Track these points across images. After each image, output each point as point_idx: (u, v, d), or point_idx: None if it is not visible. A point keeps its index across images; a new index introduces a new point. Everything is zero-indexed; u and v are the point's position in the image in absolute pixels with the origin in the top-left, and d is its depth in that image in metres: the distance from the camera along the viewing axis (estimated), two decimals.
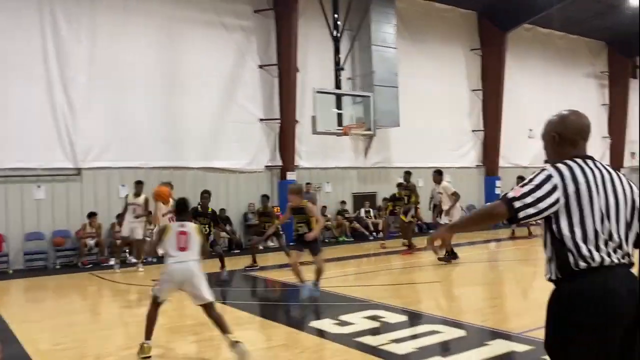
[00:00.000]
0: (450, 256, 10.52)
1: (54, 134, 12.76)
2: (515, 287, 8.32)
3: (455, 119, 20.10)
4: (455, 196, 10.79)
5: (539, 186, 2.33)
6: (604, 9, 20.71)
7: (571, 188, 2.32)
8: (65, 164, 12.90)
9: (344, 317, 6.45)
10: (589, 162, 2.44)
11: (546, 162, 2.57)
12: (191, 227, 5.24)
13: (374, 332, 5.84)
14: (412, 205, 12.93)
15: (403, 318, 6.52)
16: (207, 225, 9.58)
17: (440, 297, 7.95)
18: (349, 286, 8.74)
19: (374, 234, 16.79)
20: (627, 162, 25.58)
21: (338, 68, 15.95)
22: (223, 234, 14.59)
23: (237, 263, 12.51)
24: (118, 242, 12.42)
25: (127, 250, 12.97)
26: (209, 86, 14.81)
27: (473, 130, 20.66)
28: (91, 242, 12.60)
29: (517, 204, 2.31)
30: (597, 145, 24.66)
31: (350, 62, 16.95)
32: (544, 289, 2.46)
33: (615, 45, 24.96)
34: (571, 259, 2.31)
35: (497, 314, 6.70)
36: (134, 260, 12.97)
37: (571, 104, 16.47)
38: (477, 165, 20.80)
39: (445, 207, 10.81)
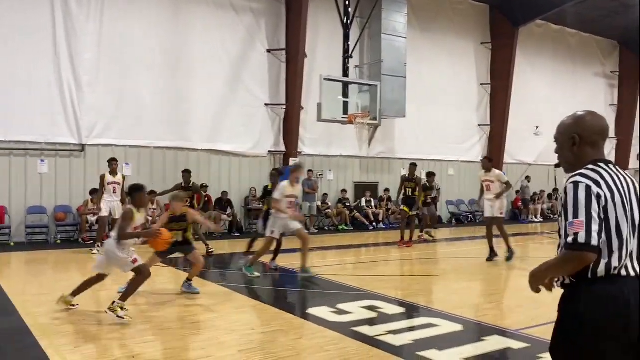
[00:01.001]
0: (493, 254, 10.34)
1: (60, 109, 12.75)
2: (513, 284, 8.32)
3: (462, 113, 20.02)
4: (507, 185, 10.30)
5: (588, 202, 2.21)
6: (617, 8, 20.49)
7: (609, 195, 2.25)
8: (70, 139, 12.91)
9: (341, 306, 6.47)
10: (611, 167, 2.36)
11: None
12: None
13: (370, 322, 5.85)
14: (417, 197, 12.56)
15: (400, 310, 6.54)
16: (189, 199, 10.50)
17: (438, 290, 7.96)
18: (347, 275, 8.76)
19: (374, 224, 16.81)
20: (633, 163, 25.48)
21: (346, 56, 15.84)
22: (224, 216, 14.65)
23: (236, 246, 12.58)
24: (91, 217, 12.47)
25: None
26: (216, 68, 14.76)
27: (479, 125, 20.58)
28: (92, 218, 12.63)
29: (594, 240, 2.17)
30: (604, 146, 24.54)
31: (359, 50, 16.85)
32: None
33: (628, 45, 24.73)
34: (593, 265, 2.23)
35: (494, 310, 6.71)
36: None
37: (579, 103, 16.65)
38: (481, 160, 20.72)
39: (490, 196, 10.28)
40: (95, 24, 13.07)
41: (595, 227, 2.17)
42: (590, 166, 2.34)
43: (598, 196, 2.22)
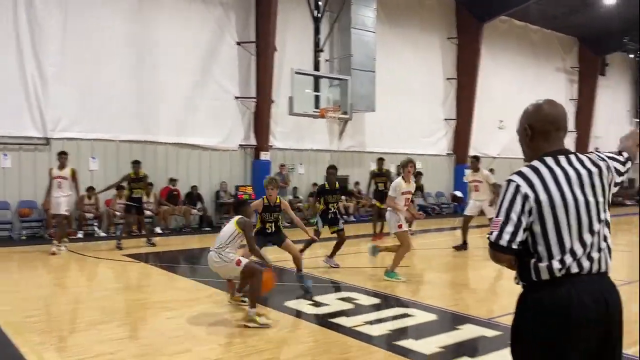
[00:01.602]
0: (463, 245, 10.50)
1: (24, 102, 12.42)
2: (482, 274, 8.54)
3: (429, 107, 20.33)
4: (495, 187, 10.35)
5: (511, 203, 2.14)
6: (578, 6, 21.12)
7: (543, 196, 2.13)
8: (34, 133, 12.60)
9: (318, 298, 6.55)
10: (562, 159, 2.21)
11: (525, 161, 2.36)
12: None
13: (347, 313, 5.94)
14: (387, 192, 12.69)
15: (376, 301, 6.65)
16: (142, 190, 11.05)
17: (411, 281, 8.11)
18: (321, 268, 8.83)
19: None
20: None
21: (317, 49, 15.88)
22: (194, 211, 14.54)
23: (207, 241, 12.48)
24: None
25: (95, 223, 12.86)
26: (185, 60, 14.58)
27: (446, 119, 20.93)
28: None
29: (503, 241, 2.14)
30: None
31: (329, 44, 16.91)
32: (510, 277, 2.49)
33: (587, 42, 25.55)
34: (534, 269, 2.18)
35: (466, 300, 6.90)
36: (102, 234, 12.85)
37: (541, 98, 16.88)
38: (448, 154, 21.13)
39: (482, 197, 10.34)
40: (59, 15, 12.73)
41: (509, 229, 2.13)
42: (533, 162, 2.24)
43: (525, 197, 2.14)
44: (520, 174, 2.20)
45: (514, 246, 2.15)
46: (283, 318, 5.71)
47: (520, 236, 2.14)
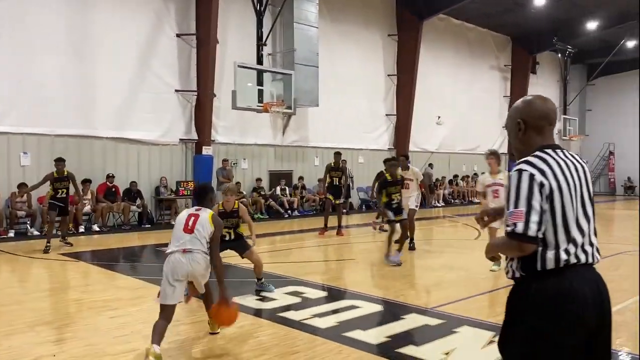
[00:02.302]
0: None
1: None
2: (424, 265, 8.79)
3: (371, 103, 20.66)
4: (424, 179, 10.58)
5: (530, 192, 2.14)
6: (511, 6, 22.02)
7: (554, 184, 2.17)
8: None
9: (265, 293, 6.55)
10: (559, 152, 2.28)
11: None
12: None
13: (296, 307, 5.99)
14: (342, 186, 12.28)
15: (323, 294, 6.74)
16: (66, 189, 10.23)
17: (356, 274, 8.25)
18: (267, 263, 8.78)
19: (289, 211, 16.98)
20: None
21: (260, 43, 15.76)
22: (133, 207, 14.13)
23: (148, 238, 12.21)
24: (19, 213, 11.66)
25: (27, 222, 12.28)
26: (122, 52, 14.11)
27: (386, 115, 21.33)
28: None
29: (532, 231, 2.12)
30: (497, 135, 26.42)
31: (272, 38, 16.82)
32: (451, 268, 2.60)
33: (519, 41, 26.71)
34: (540, 258, 2.18)
35: (410, 290, 7.09)
36: (35, 233, 12.28)
37: (477, 94, 17.75)
38: (389, 149, 21.54)
39: (414, 193, 10.18)
40: None
41: (534, 218, 2.12)
42: (537, 153, 2.27)
43: (541, 185, 2.16)
44: (529, 163, 2.21)
45: (540, 235, 2.14)
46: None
47: (544, 224, 2.15)
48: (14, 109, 12.40)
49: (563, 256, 2.17)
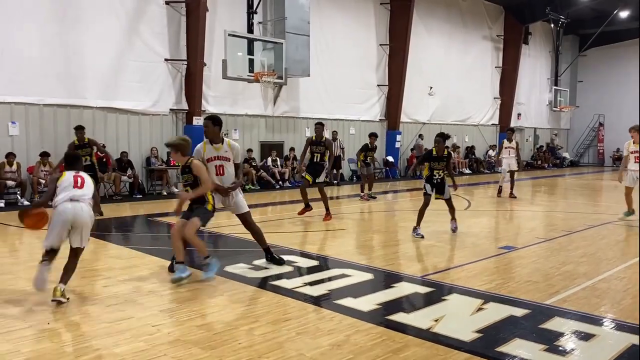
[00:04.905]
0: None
1: None
2: (412, 236, 8.88)
3: (363, 73, 20.51)
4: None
5: None
6: None
7: None
8: None
9: (257, 262, 6.62)
10: None
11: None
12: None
13: (288, 276, 6.06)
14: (325, 163, 10.36)
15: (314, 263, 6.82)
16: (89, 156, 10.48)
17: (347, 244, 8.34)
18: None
19: (280, 182, 17.01)
20: (514, 122, 27.69)
21: (250, 11, 15.53)
22: (124, 177, 14.09)
23: (139, 208, 12.23)
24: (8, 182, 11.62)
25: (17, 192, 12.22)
26: (110, 19, 13.87)
27: (378, 85, 21.21)
28: None
29: None
30: (489, 105, 26.41)
31: (262, 6, 16.56)
32: (440, 237, 2.64)
33: (512, 11, 26.47)
34: None
35: (399, 260, 7.19)
36: (25, 203, 12.23)
37: (469, 65, 17.77)
38: (380, 120, 21.50)
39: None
40: None
41: None
42: None
43: None
44: None
45: None
46: (224, 283, 5.73)
47: None
48: (0, 78, 12.20)
49: None
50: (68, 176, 5.24)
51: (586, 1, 25.31)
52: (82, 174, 5.37)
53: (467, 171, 24.17)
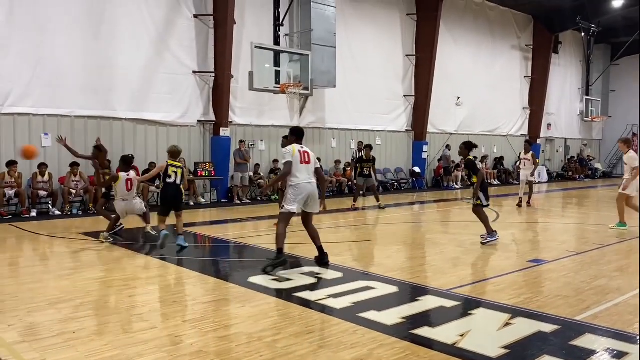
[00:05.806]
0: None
1: None
2: (439, 248, 8.76)
3: (389, 83, 20.45)
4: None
5: None
6: None
7: None
8: None
9: (281, 273, 6.60)
10: None
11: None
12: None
13: (311, 287, 6.03)
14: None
15: (338, 274, 6.76)
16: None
17: (372, 255, 8.26)
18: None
19: None
20: (544, 132, 27.20)
21: (277, 24, 15.67)
22: (152, 188, 14.28)
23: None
24: (9, 191, 11.89)
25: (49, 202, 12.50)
26: (140, 32, 14.16)
27: (405, 95, 21.11)
28: (10, 192, 11.94)
29: None
30: (518, 116, 26.02)
31: (289, 18, 16.71)
32: (467, 250, 2.58)
33: (541, 20, 26.11)
34: None
35: (425, 272, 7.08)
36: (57, 213, 12.50)
37: (497, 75, 17.61)
38: (407, 130, 21.38)
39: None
40: None
41: None
42: None
43: None
44: None
45: None
46: (247, 293, 5.73)
47: None
48: (34, 90, 12.56)
49: None
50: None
51: (618, 10, 24.78)
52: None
53: (496, 182, 23.80)
